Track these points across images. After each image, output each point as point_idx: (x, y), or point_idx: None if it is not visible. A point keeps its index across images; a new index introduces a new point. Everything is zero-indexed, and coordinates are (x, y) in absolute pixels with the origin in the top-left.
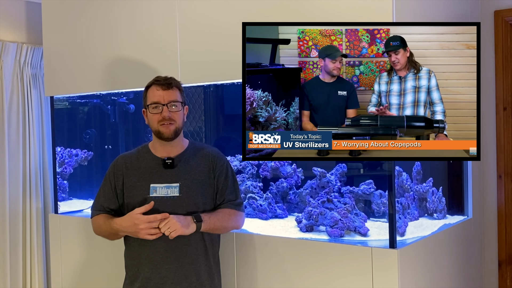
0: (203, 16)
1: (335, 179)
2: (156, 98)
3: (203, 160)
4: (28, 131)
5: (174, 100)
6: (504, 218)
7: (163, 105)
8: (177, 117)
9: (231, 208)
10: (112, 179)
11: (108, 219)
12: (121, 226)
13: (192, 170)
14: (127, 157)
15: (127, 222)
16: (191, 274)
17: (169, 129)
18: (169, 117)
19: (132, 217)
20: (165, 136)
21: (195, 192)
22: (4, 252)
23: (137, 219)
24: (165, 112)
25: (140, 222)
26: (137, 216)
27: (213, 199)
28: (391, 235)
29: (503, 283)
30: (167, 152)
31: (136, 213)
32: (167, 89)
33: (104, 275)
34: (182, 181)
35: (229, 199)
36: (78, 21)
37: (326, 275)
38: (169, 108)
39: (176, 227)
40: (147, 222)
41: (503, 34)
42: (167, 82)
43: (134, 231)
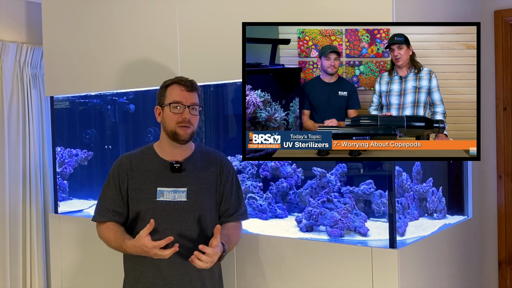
0: (203, 16)
1: (335, 179)
2: (179, 98)
3: (210, 164)
4: (28, 131)
5: (196, 103)
6: (504, 218)
7: (185, 106)
8: (195, 121)
9: (238, 221)
10: (117, 180)
11: (119, 238)
12: (133, 251)
13: (200, 175)
14: (132, 158)
15: (137, 248)
16: (196, 280)
17: (187, 132)
18: (189, 120)
19: (141, 243)
20: (181, 138)
21: (203, 198)
22: (4, 252)
23: (145, 246)
24: (186, 114)
25: (149, 249)
26: (144, 243)
27: (217, 204)
28: (391, 235)
29: (503, 283)
30: (175, 154)
31: (143, 239)
32: (190, 91)
33: (104, 275)
34: (190, 186)
35: (234, 208)
36: (78, 21)
37: (326, 275)
38: (190, 110)
39: (208, 265)
40: (155, 248)
41: (503, 34)
42: (192, 84)
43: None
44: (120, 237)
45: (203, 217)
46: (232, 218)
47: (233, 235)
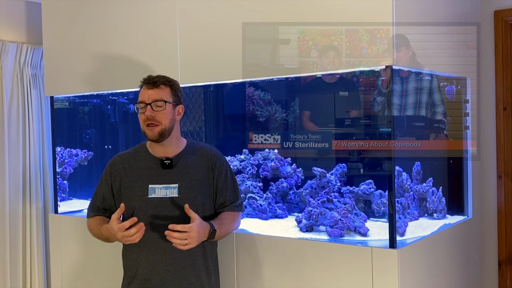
0: (203, 16)
1: (335, 179)
2: (141, 97)
3: (201, 159)
4: (28, 131)
5: (158, 99)
6: (504, 218)
7: (146, 104)
8: (162, 117)
9: (233, 211)
10: (109, 179)
11: (98, 225)
12: (107, 234)
13: (191, 170)
14: (124, 157)
15: (109, 233)
16: (190, 275)
17: (153, 132)
18: (152, 117)
19: (109, 226)
20: (149, 138)
21: (195, 193)
22: (4, 252)
23: (112, 228)
24: (148, 112)
25: (116, 231)
26: (111, 225)
27: (212, 199)
28: (391, 235)
29: (503, 283)
30: (165, 151)
31: (112, 221)
32: (152, 88)
33: (103, 274)
34: (181, 182)
35: (230, 200)
36: (78, 21)
37: (326, 275)
38: (153, 107)
39: (192, 242)
40: (122, 231)
41: (503, 34)
42: (153, 81)
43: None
44: (99, 224)
45: (196, 212)
46: (227, 208)
47: (226, 218)
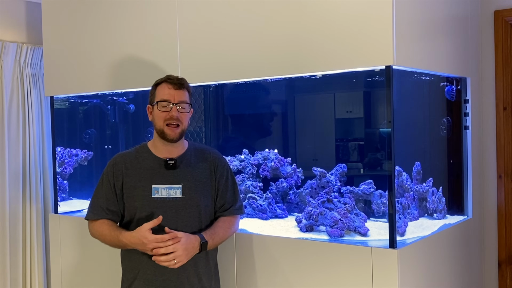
0: (203, 16)
1: (335, 179)
2: (166, 96)
3: (204, 161)
4: (28, 131)
5: (184, 101)
6: (504, 218)
7: (172, 104)
8: (184, 119)
9: (232, 215)
10: (111, 179)
11: (115, 231)
12: (130, 242)
13: (194, 171)
14: (126, 156)
15: (136, 240)
16: (193, 276)
17: (175, 132)
18: (177, 117)
19: (141, 235)
20: (169, 138)
21: (198, 194)
22: (4, 252)
23: (145, 238)
24: (173, 112)
25: (149, 242)
26: (145, 234)
27: (213, 200)
28: (391, 235)
29: (503, 283)
30: (169, 152)
31: (145, 231)
32: (178, 89)
33: (104, 274)
34: (185, 183)
35: (230, 203)
36: (78, 21)
37: (326, 275)
38: (178, 108)
39: (182, 260)
40: (155, 242)
41: (503, 34)
42: (180, 82)
43: (143, 249)
44: (116, 230)
45: (199, 213)
46: (227, 212)
47: (221, 226)
